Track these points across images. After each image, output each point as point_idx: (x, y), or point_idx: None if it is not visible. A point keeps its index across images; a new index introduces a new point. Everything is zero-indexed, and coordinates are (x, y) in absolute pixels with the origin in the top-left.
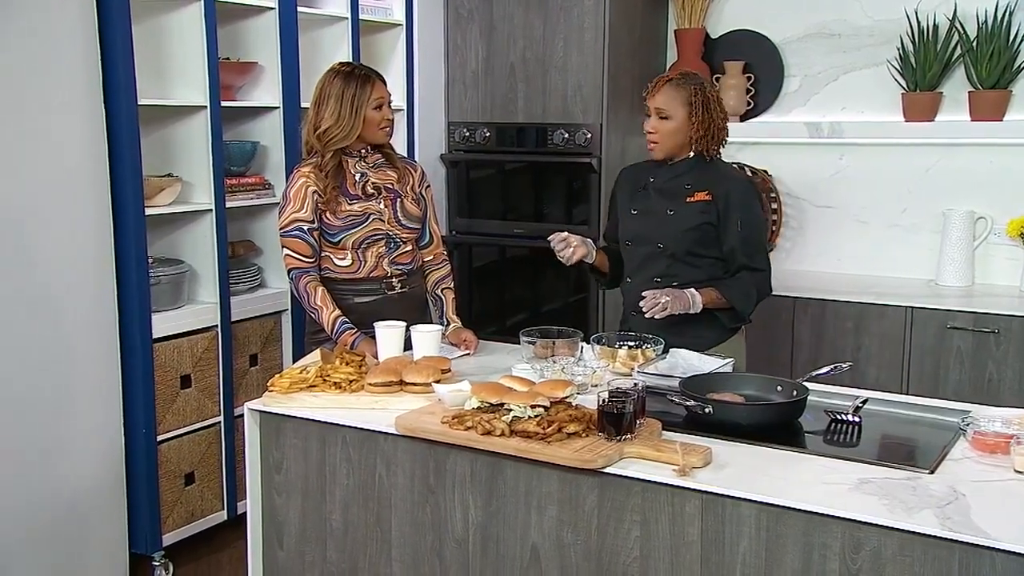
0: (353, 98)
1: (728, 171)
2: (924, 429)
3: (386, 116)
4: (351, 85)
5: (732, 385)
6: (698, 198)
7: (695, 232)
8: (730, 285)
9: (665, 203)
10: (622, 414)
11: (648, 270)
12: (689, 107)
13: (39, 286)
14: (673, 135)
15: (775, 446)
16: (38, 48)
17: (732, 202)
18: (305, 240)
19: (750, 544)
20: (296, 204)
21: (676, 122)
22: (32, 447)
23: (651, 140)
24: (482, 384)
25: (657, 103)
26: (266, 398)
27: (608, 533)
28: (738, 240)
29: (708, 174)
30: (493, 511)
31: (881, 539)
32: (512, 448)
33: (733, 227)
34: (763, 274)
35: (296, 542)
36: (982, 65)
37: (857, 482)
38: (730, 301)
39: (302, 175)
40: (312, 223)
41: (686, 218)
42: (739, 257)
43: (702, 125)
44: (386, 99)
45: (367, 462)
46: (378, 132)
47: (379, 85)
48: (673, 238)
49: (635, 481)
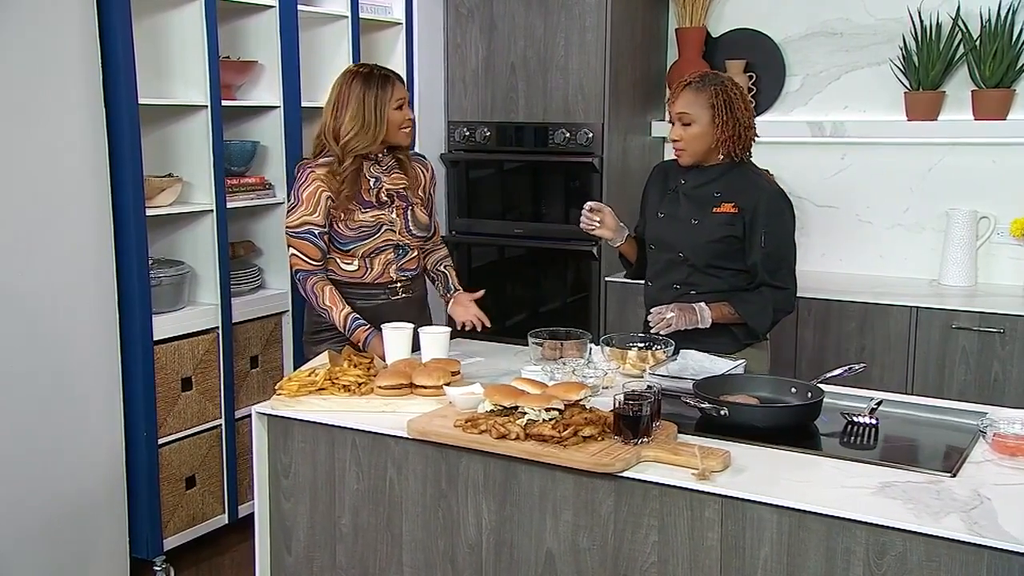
0: (375, 101)
1: (759, 181)
2: (940, 431)
3: (407, 116)
4: (372, 87)
5: (745, 387)
6: (724, 209)
7: (718, 244)
8: (746, 300)
9: (691, 211)
10: (639, 417)
11: (668, 276)
12: (712, 109)
13: (38, 288)
14: (698, 140)
15: (792, 449)
16: (38, 47)
17: (759, 216)
18: (315, 244)
19: (771, 549)
20: (309, 207)
21: (700, 126)
22: (32, 451)
23: (677, 148)
24: (495, 387)
25: (678, 108)
26: (274, 401)
27: (625, 538)
28: (761, 255)
29: (738, 184)
30: (507, 515)
31: (907, 544)
32: (527, 452)
33: (757, 241)
34: (785, 292)
35: (305, 547)
36: (985, 64)
37: (879, 485)
38: (743, 317)
39: (316, 177)
40: (323, 227)
41: (710, 229)
42: (761, 273)
43: (727, 127)
44: (406, 99)
45: (377, 465)
46: (399, 133)
47: (399, 86)
48: (694, 248)
49: (653, 485)
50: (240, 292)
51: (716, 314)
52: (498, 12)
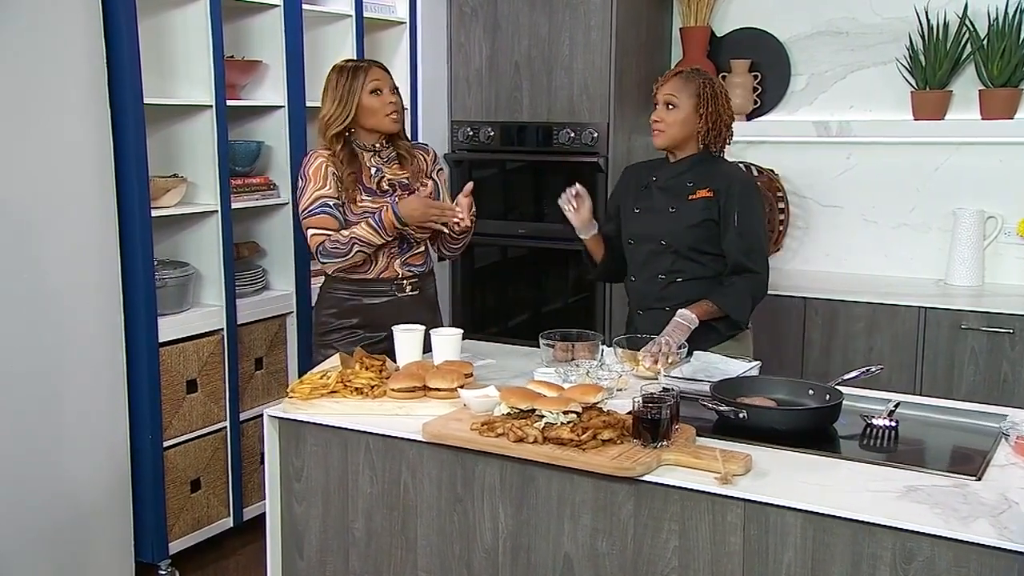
0: (347, 85)
1: (730, 168)
2: (960, 433)
3: (387, 101)
4: (344, 75)
5: (761, 389)
6: (700, 195)
7: (698, 229)
8: (724, 293)
9: (668, 201)
10: (658, 420)
11: (652, 267)
12: (697, 99)
13: (43, 289)
14: (679, 125)
15: (812, 452)
16: (42, 46)
17: (733, 196)
18: (332, 215)
19: (795, 554)
20: (318, 182)
21: (683, 112)
22: (36, 454)
23: (656, 128)
24: (511, 389)
25: (665, 91)
26: (286, 404)
27: (645, 542)
28: (735, 236)
29: (710, 171)
30: (524, 519)
31: (934, 549)
32: (546, 456)
33: (731, 222)
34: (759, 277)
35: (317, 551)
36: (993, 63)
37: (904, 489)
38: (724, 309)
39: (319, 155)
40: (338, 199)
41: (688, 215)
42: (736, 255)
43: (710, 118)
44: (385, 84)
45: (392, 469)
46: (384, 119)
47: (374, 70)
48: (676, 235)
49: (673, 489)
50: (244, 293)
51: (699, 312)
52: (502, 11)
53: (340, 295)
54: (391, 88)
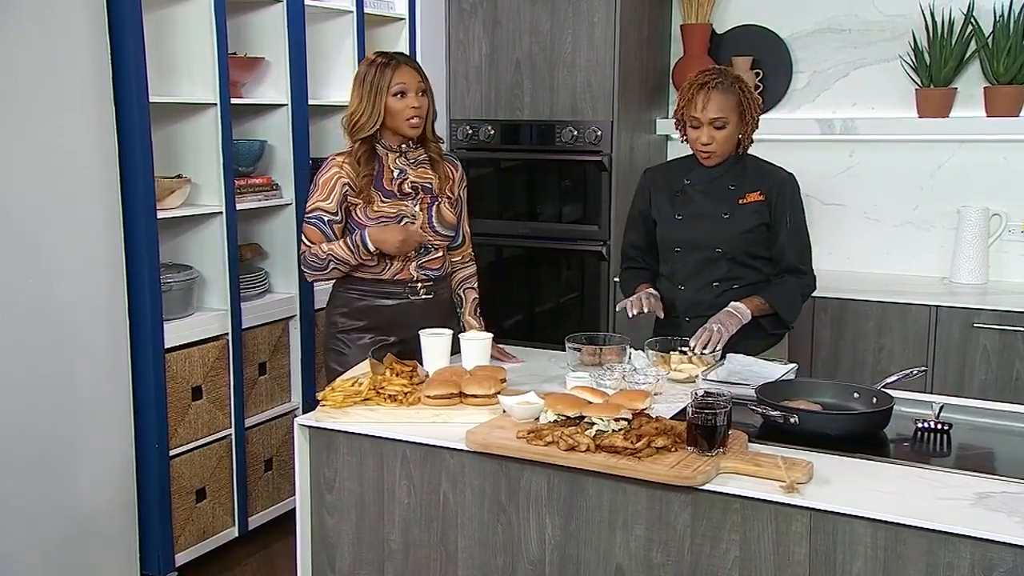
0: (373, 83)
1: (771, 168)
2: (1014, 437)
3: (410, 104)
4: (372, 70)
5: (803, 392)
6: (751, 199)
7: (752, 234)
8: (776, 291)
9: (715, 206)
10: (714, 426)
11: (705, 275)
12: (740, 107)
13: (47, 293)
14: (729, 141)
15: (867, 457)
16: (46, 44)
17: (784, 198)
18: (320, 228)
19: (865, 565)
20: (323, 193)
21: (731, 128)
22: (41, 464)
23: (706, 151)
24: (556, 396)
25: (712, 113)
26: (319, 413)
27: (703, 553)
28: (788, 238)
29: (751, 173)
30: (573, 530)
31: (1017, 559)
32: (599, 464)
33: (784, 224)
34: (808, 277)
35: (350, 564)
36: (998, 60)
37: (976, 496)
38: (774, 307)
39: (335, 164)
40: (335, 215)
41: (742, 220)
42: (789, 256)
43: (751, 125)
44: (410, 86)
45: (430, 479)
46: (403, 124)
47: (402, 70)
48: (731, 241)
49: (734, 498)
50: (247, 297)
51: (751, 306)
52: (502, 8)
53: (351, 295)
54: (417, 91)
